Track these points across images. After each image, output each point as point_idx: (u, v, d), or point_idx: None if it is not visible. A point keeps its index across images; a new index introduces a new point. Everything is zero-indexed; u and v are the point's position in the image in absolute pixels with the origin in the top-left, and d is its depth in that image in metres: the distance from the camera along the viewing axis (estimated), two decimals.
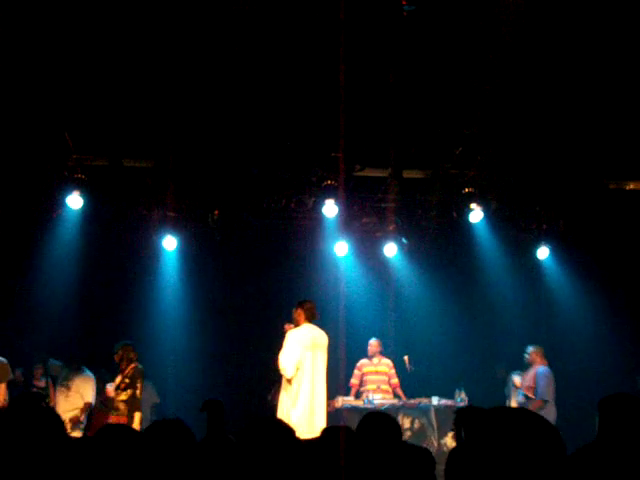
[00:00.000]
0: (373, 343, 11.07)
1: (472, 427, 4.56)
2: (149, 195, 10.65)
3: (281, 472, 2.99)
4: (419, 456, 3.87)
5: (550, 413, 9.74)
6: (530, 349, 10.40)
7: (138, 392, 9.30)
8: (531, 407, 9.57)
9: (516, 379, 10.75)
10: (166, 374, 11.64)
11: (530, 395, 10.09)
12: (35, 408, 2.94)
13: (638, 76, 9.08)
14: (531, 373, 10.26)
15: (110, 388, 9.46)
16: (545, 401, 9.96)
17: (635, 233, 11.56)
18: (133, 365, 9.36)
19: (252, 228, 11.31)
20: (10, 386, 9.42)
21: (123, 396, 9.25)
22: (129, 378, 9.30)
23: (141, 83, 8.72)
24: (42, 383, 10.56)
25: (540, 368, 10.19)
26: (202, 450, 3.38)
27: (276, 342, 9.21)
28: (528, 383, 10.24)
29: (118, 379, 9.37)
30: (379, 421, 4.48)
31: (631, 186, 11.52)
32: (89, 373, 10.02)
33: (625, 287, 12.02)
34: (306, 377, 9.00)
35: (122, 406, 9.22)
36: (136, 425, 8.93)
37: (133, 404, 9.24)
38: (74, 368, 9.98)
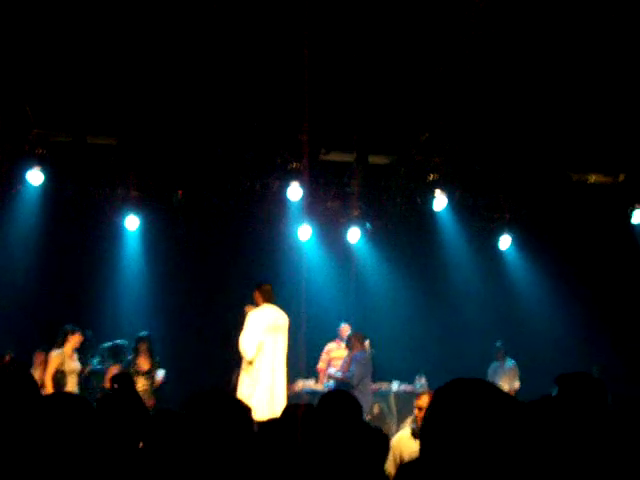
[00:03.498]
0: (345, 327, 11.09)
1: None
2: (112, 173, 10.49)
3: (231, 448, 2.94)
4: (374, 438, 3.86)
5: (363, 396, 9.94)
6: (350, 334, 10.57)
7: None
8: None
9: (331, 370, 10.79)
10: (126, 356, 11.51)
11: (340, 376, 10.30)
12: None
13: (603, 72, 9.18)
14: (347, 359, 10.41)
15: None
16: (350, 384, 10.08)
17: (596, 224, 11.71)
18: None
19: (216, 209, 11.22)
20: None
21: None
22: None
23: (107, 59, 8.59)
24: None
25: (356, 353, 10.34)
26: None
27: (238, 323, 9.18)
28: (342, 365, 10.44)
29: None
30: (340, 399, 4.47)
31: (593, 179, 11.66)
32: None
33: (586, 277, 12.18)
34: (267, 359, 8.98)
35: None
36: None
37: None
38: None
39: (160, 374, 10.18)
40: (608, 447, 3.08)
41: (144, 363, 10.08)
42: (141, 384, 9.85)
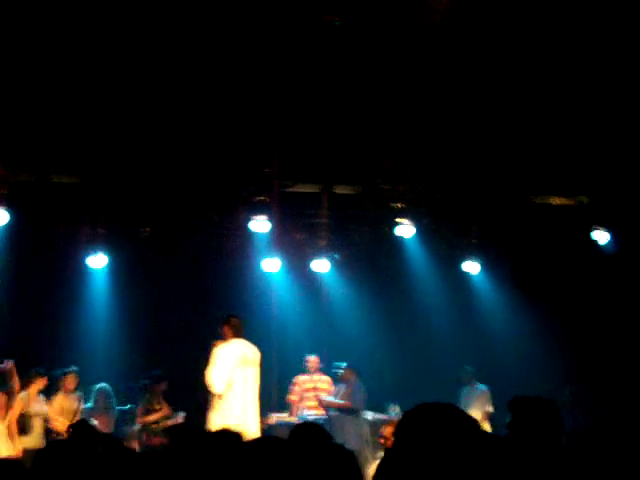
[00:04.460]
0: (313, 359, 11.01)
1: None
2: (77, 212, 10.44)
3: None
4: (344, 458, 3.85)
5: (364, 422, 10.45)
6: (344, 366, 10.69)
7: None
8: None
9: (328, 397, 10.85)
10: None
11: (347, 403, 10.43)
12: None
13: (564, 98, 9.37)
14: (347, 386, 10.55)
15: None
16: (357, 410, 10.39)
17: (560, 247, 11.85)
18: None
19: (183, 244, 11.19)
20: None
21: None
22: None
23: (69, 96, 8.59)
24: None
25: (356, 383, 10.59)
26: None
27: (208, 359, 9.10)
28: (344, 393, 10.52)
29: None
30: (309, 431, 4.47)
31: (556, 201, 11.81)
32: None
33: (552, 300, 12.28)
34: (238, 394, 8.88)
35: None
36: None
37: None
38: None
39: (181, 416, 10.40)
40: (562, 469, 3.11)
41: (163, 404, 10.38)
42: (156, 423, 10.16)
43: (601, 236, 11.53)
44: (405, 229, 11.16)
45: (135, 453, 3.62)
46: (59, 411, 9.75)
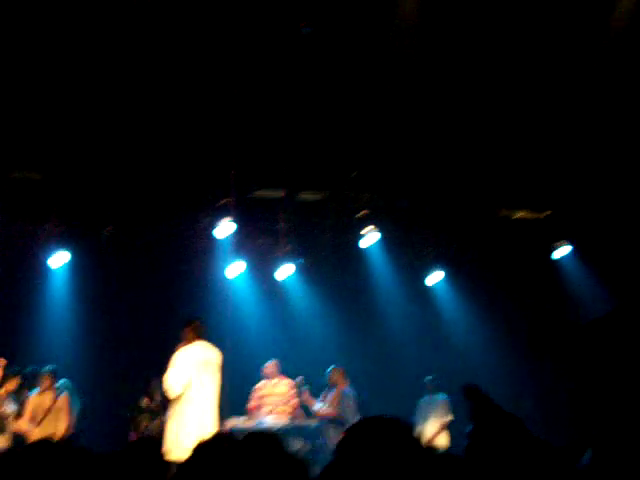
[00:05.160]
0: (268, 365, 10.95)
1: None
2: (38, 209, 10.31)
3: None
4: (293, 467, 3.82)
5: None
6: (331, 369, 10.53)
7: None
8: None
9: (315, 407, 10.72)
10: None
11: (332, 412, 10.25)
12: None
13: (531, 111, 9.45)
14: (334, 393, 10.38)
15: None
16: (343, 419, 10.09)
17: (522, 259, 11.95)
18: None
19: (146, 245, 11.10)
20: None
21: None
22: None
23: (31, 91, 8.49)
24: None
25: (345, 389, 10.40)
26: None
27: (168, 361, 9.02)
28: (330, 401, 10.37)
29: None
30: (259, 441, 4.42)
31: (519, 214, 11.93)
32: None
33: (513, 311, 12.38)
34: (196, 398, 8.79)
35: None
36: None
37: None
38: None
39: None
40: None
41: (151, 404, 10.45)
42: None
43: (562, 250, 11.67)
44: (368, 237, 11.18)
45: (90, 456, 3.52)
46: (30, 410, 9.57)
